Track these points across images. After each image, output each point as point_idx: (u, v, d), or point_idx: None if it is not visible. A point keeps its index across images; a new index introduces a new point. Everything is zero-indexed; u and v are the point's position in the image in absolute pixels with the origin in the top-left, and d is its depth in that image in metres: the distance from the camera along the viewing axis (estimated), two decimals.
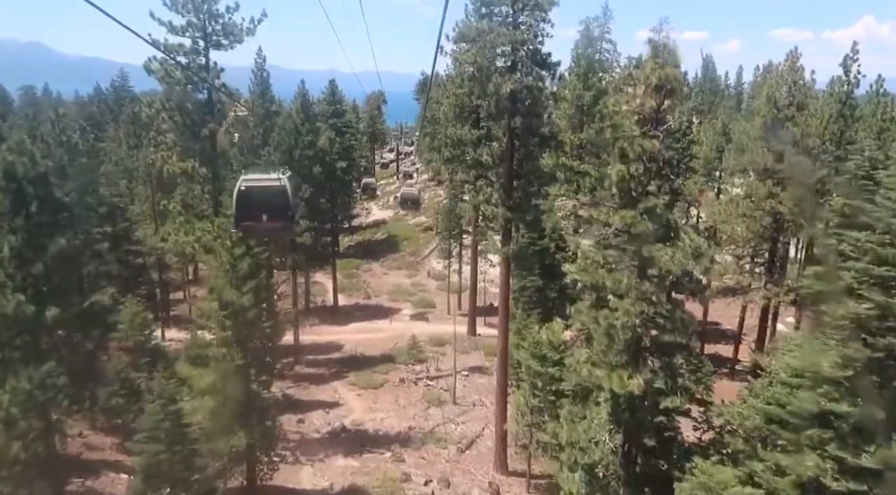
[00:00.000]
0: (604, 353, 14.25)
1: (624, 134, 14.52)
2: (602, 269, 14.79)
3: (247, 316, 23.66)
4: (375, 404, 37.80)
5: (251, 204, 11.87)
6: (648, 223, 14.20)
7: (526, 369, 29.79)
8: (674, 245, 14.24)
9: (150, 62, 27.66)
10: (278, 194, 11.69)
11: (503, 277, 29.64)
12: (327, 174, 51.77)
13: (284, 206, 11.90)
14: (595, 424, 15.48)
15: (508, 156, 28.50)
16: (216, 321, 24.08)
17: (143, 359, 31.44)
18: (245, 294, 23.61)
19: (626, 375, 13.90)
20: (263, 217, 11.86)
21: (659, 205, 14.18)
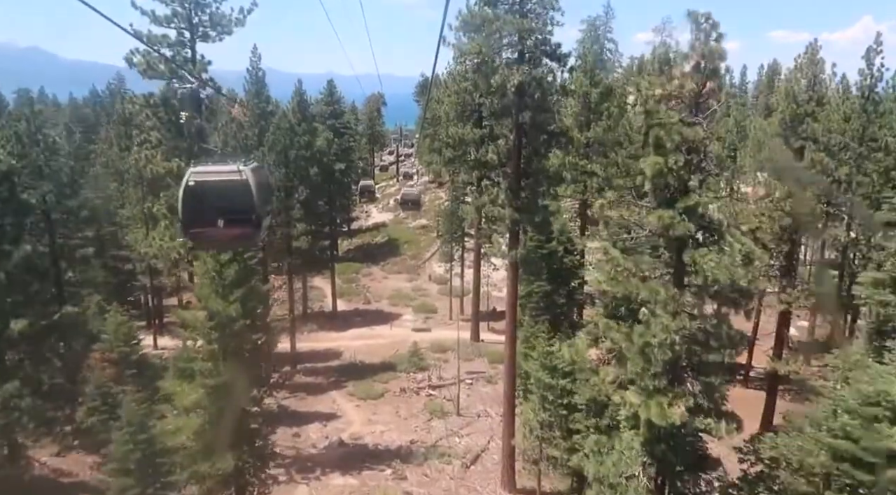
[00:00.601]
0: (639, 376, 12.02)
1: (660, 121, 12.30)
2: (634, 278, 12.55)
3: (234, 327, 21.41)
4: (375, 415, 35.53)
5: (202, 204, 8.61)
6: (689, 224, 11.99)
7: (535, 381, 27.55)
8: (720, 250, 12.00)
9: (133, 55, 25.49)
10: (239, 191, 8.42)
11: (510, 283, 27.41)
12: (325, 176, 49.53)
13: (247, 207, 8.56)
14: (626, 457, 13.26)
15: (515, 154, 26.26)
16: (202, 333, 21.85)
17: (129, 371, 29.21)
18: (232, 303, 21.36)
19: (665, 402, 11.66)
20: (219, 221, 8.50)
21: (702, 202, 11.96)
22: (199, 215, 8.59)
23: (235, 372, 21.90)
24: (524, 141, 26.55)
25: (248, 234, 8.96)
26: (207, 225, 8.55)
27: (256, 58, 47.98)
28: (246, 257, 22.50)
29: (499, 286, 54.37)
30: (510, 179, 26.74)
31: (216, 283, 21.56)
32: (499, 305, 52.15)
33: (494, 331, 47.54)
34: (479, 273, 46.07)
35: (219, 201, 8.47)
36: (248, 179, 8.45)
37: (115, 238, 36.30)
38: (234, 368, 21.86)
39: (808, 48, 32.56)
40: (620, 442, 13.38)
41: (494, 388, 38.64)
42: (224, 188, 8.42)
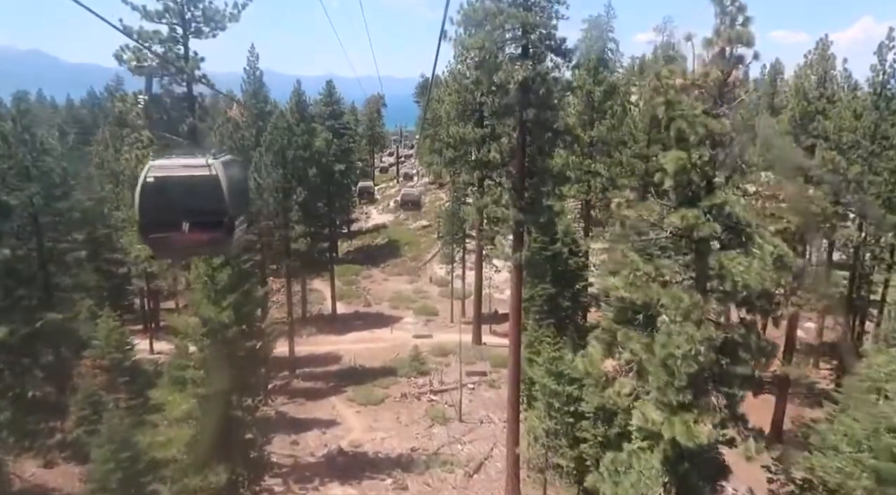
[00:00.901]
0: (661, 391, 10.91)
1: (682, 112, 11.19)
2: (654, 284, 11.45)
3: (227, 334, 20.32)
4: (375, 422, 34.41)
5: (164, 204, 7.15)
6: (715, 224, 10.89)
7: (541, 387, 26.48)
8: (748, 252, 10.90)
9: (122, 52, 24.38)
10: (208, 188, 7.07)
11: (514, 285, 26.29)
12: (324, 177, 48.44)
13: (217, 207, 7.17)
14: (646, 478, 12.14)
15: (519, 153, 25.15)
16: (194, 340, 20.76)
17: (121, 378, 28.13)
18: (225, 309, 20.27)
19: (691, 419, 10.56)
20: (184, 225, 7.09)
21: (729, 201, 10.86)
22: (160, 217, 7.16)
23: (229, 380, 20.82)
24: (528, 139, 25.44)
25: (218, 240, 7.43)
26: (170, 229, 7.10)
27: (254, 57, 46.96)
28: (241, 260, 21.40)
29: (501, 288, 53.26)
30: (514, 179, 25.64)
31: (208, 288, 20.48)
32: (501, 307, 51.03)
33: (496, 334, 46.45)
34: (480, 275, 44.97)
35: (183, 200, 7.08)
36: (219, 174, 7.04)
37: (110, 241, 35.19)
38: (227, 377, 20.78)
39: (819, 44, 31.49)
40: (639, 460, 12.31)
41: (497, 393, 37.54)
42: (190, 185, 7.04)
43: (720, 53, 11.15)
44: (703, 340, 10.65)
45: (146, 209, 7.19)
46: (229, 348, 20.61)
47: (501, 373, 40.18)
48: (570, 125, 27.00)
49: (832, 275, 35.30)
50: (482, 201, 42.79)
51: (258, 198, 36.42)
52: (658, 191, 12.41)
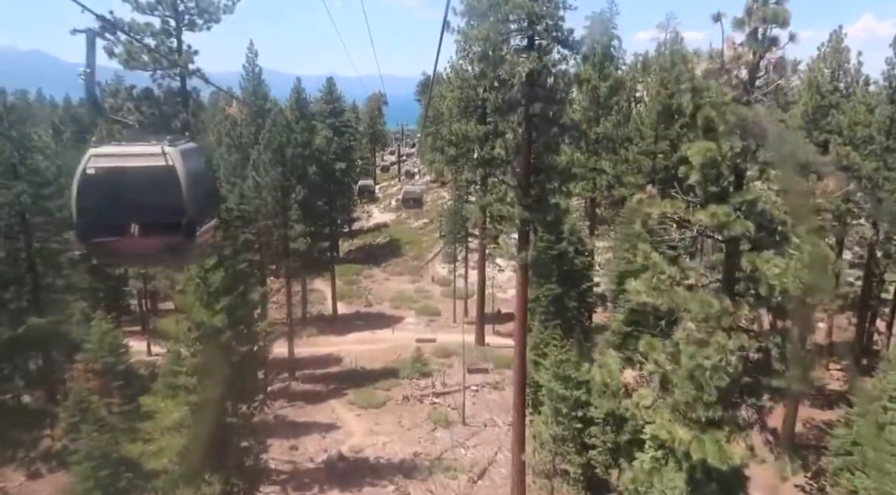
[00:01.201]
0: (689, 406, 9.84)
1: (711, 99, 10.10)
2: (679, 288, 10.36)
3: (220, 338, 19.26)
4: (377, 426, 33.35)
5: (107, 201, 5.60)
6: (748, 223, 9.80)
7: (547, 392, 25.42)
8: (784, 253, 9.82)
9: (113, 45, 23.31)
10: (162, 182, 5.53)
11: (520, 286, 25.20)
12: (324, 175, 47.38)
13: (174, 205, 5.62)
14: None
15: (525, 149, 24.04)
16: (185, 345, 19.73)
17: (115, 382, 27.10)
18: (218, 313, 19.22)
19: (723, 438, 9.48)
20: (132, 227, 5.56)
21: (763, 197, 9.77)
22: (103, 217, 5.71)
23: (223, 387, 19.78)
24: (534, 135, 24.36)
25: (175, 245, 5.81)
26: (114, 231, 5.65)
27: (253, 54, 46.01)
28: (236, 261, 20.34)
29: (504, 287, 52.15)
30: (519, 176, 24.54)
31: (201, 291, 19.42)
32: (504, 307, 49.93)
33: (500, 335, 45.38)
34: (483, 274, 43.92)
35: (132, 197, 5.64)
36: (176, 165, 5.56)
37: None
38: (221, 383, 19.73)
39: (833, 36, 30.37)
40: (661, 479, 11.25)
41: (501, 395, 36.50)
42: (140, 177, 5.61)
43: (752, 34, 10.05)
44: (734, 350, 9.57)
45: (85, 207, 5.70)
46: (223, 353, 19.55)
47: (505, 375, 39.12)
48: (577, 121, 25.86)
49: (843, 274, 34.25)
50: (485, 199, 41.89)
51: (257, 197, 35.39)
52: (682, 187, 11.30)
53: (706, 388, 9.66)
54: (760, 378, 10.07)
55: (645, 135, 36.53)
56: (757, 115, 9.73)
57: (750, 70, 10.11)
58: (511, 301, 52.84)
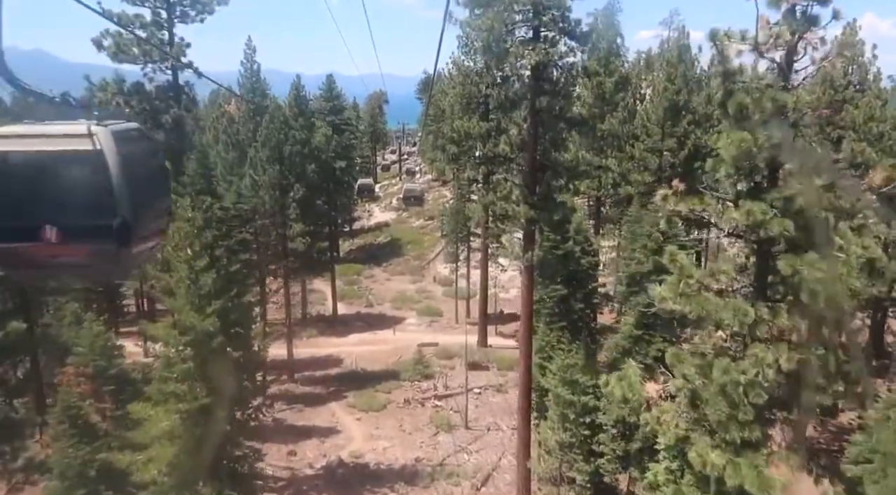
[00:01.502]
0: (722, 426, 8.76)
1: (745, 84, 9.01)
2: (709, 293, 9.28)
3: (211, 343, 18.20)
4: (377, 430, 32.29)
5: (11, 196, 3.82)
6: (786, 221, 8.72)
7: (554, 397, 24.35)
8: (827, 255, 8.73)
9: (103, 37, 22.31)
10: (86, 171, 3.84)
11: (525, 288, 24.13)
12: (324, 174, 46.31)
13: (102, 202, 3.84)
14: None
15: (531, 145, 22.94)
16: (176, 349, 18.67)
17: (107, 387, 26.07)
18: (208, 316, 18.16)
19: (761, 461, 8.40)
20: (48, 230, 3.78)
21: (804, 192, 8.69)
22: (6, 216, 4.10)
23: (215, 394, 18.73)
24: (540, 130, 23.27)
25: (104, 254, 4.24)
26: (23, 235, 4.05)
27: (251, 50, 44.98)
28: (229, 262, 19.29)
29: (507, 287, 51.11)
30: (524, 173, 23.48)
31: (192, 293, 18.36)
32: (507, 308, 48.89)
33: (503, 336, 44.32)
34: (486, 274, 42.83)
35: (46, 191, 4.02)
36: (105, 150, 4.00)
37: None
38: (213, 390, 18.69)
39: (846, 29, 29.23)
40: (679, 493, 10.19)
41: (505, 398, 35.43)
42: (57, 165, 4.03)
43: (790, 12, 8.97)
44: (772, 363, 8.49)
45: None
46: (215, 359, 18.49)
47: (508, 377, 38.07)
48: (584, 115, 24.75)
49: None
50: (488, 198, 40.57)
51: (254, 196, 34.34)
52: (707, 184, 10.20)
53: (741, 406, 8.59)
54: (803, 395, 8.99)
55: (651, 131, 35.43)
56: (799, 100, 8.65)
57: (787, 51, 9.03)
58: (514, 301, 51.82)
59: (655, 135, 35.43)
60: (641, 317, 20.54)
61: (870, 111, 28.51)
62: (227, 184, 34.60)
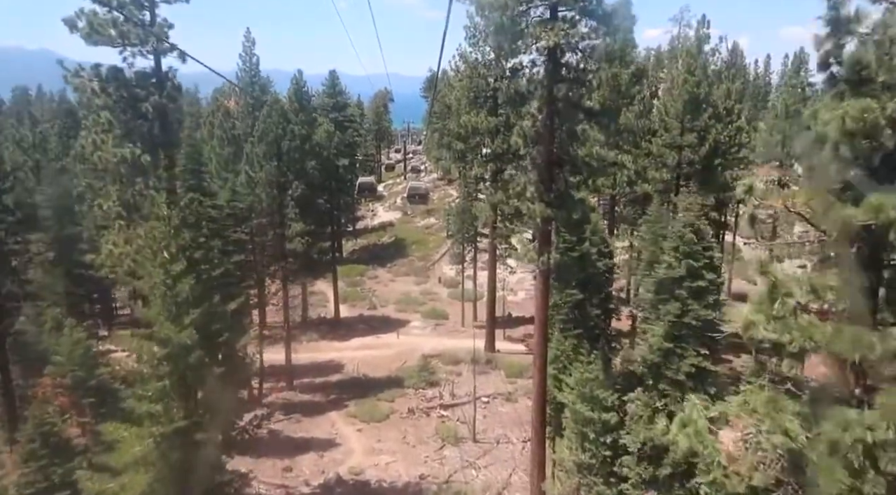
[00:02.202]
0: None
1: (865, 36, 6.49)
2: (810, 316, 6.78)
3: (189, 359, 15.79)
4: (379, 443, 29.86)
5: None
6: None
7: (572, 413, 21.88)
8: None
9: (78, 17, 19.92)
10: None
11: (540, 294, 21.63)
12: (326, 172, 43.92)
13: None
14: None
15: (547, 137, 20.42)
16: (150, 364, 16.26)
17: (87, 399, 23.76)
18: (186, 328, 15.74)
19: None
20: None
21: None
22: None
23: (194, 416, 16.33)
24: (557, 121, 20.79)
25: None
26: None
27: (250, 42, 42.62)
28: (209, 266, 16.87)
29: (515, 290, 48.67)
30: (539, 168, 20.97)
31: (167, 302, 15.95)
32: (515, 310, 46.46)
33: (511, 340, 41.88)
34: (494, 276, 40.36)
35: None
36: None
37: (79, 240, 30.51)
38: (191, 411, 16.29)
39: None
40: None
41: (514, 408, 33.00)
42: None
43: None
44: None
45: None
46: (194, 376, 16.08)
47: (518, 384, 35.64)
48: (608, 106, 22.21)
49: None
50: (497, 196, 37.99)
51: (250, 193, 31.95)
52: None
53: (865, 475, 6.13)
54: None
55: (670, 126, 32.88)
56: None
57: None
58: (522, 304, 49.32)
59: (674, 129, 32.88)
60: (672, 327, 18.01)
61: None
62: (221, 181, 32.26)
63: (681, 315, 17.94)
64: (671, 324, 17.90)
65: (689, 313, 17.87)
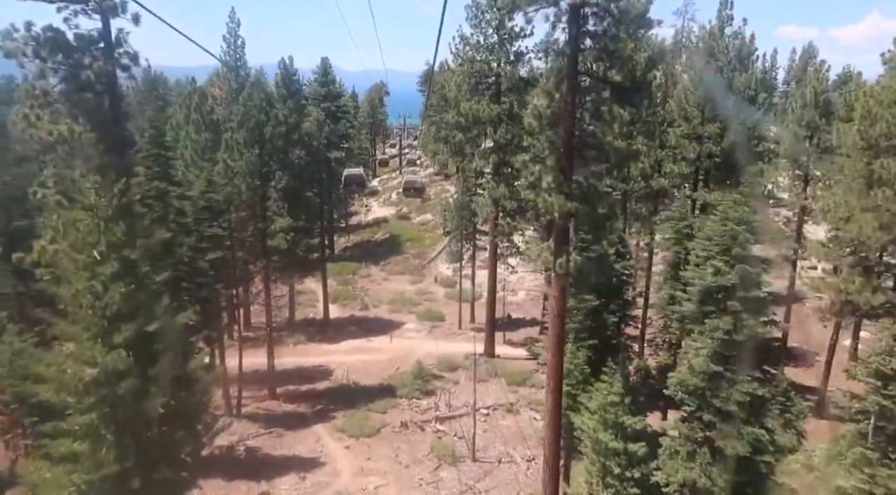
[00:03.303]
0: None
1: None
2: None
3: (118, 389, 12.05)
4: (369, 462, 26.17)
5: None
6: None
7: (592, 442, 18.30)
8: None
9: None
10: None
11: (557, 303, 17.91)
12: (316, 163, 40.13)
13: None
14: None
15: (567, 117, 16.67)
16: (73, 392, 12.53)
17: (28, 419, 20.05)
18: (116, 347, 12.01)
19: None
20: None
21: None
22: None
23: (129, 458, 12.60)
24: (579, 98, 17.11)
25: None
26: None
27: (235, 23, 38.72)
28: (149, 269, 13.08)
29: (515, 290, 45.04)
30: (557, 154, 17.26)
31: (95, 313, 12.20)
32: (515, 312, 42.85)
33: (511, 344, 38.27)
34: (494, 275, 36.70)
35: None
36: None
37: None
38: (125, 453, 12.56)
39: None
40: None
41: (516, 421, 29.41)
42: None
43: None
44: None
45: None
46: (128, 408, 12.34)
47: (519, 393, 32.05)
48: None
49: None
50: (499, 190, 34.58)
51: (228, 184, 28.12)
52: None
53: None
54: None
55: (690, 115, 29.22)
56: None
57: None
58: (522, 305, 45.62)
59: (695, 119, 29.24)
60: (722, 347, 14.40)
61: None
62: (198, 170, 28.42)
63: (732, 331, 14.36)
64: (721, 342, 14.33)
65: (742, 330, 14.33)
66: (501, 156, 33.31)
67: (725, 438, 14.39)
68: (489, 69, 33.39)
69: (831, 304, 25.32)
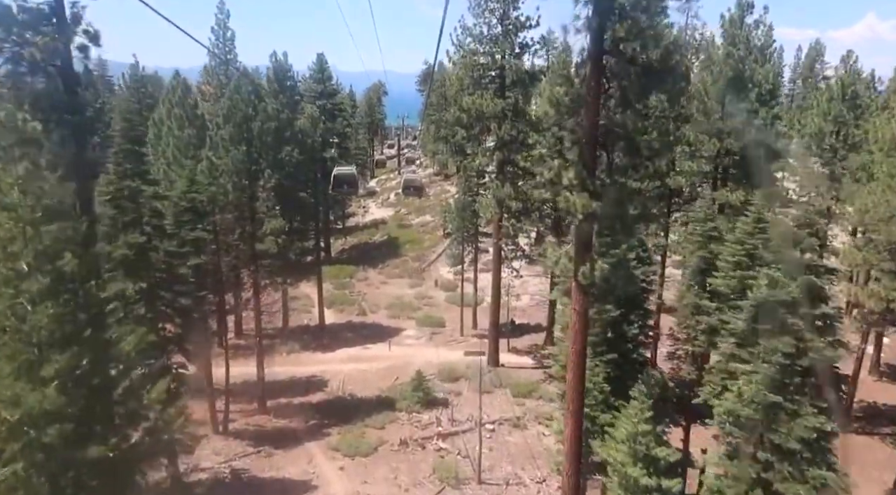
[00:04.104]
0: None
1: None
2: None
3: (49, 433, 9.45)
4: (365, 485, 23.59)
5: None
6: None
7: (619, 477, 15.79)
8: None
9: None
10: None
11: (579, 317, 15.35)
12: (311, 162, 37.54)
13: None
14: None
15: (592, 103, 14.13)
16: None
17: None
18: (47, 384, 9.41)
19: None
20: None
21: None
22: None
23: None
24: (606, 82, 14.58)
25: None
26: None
27: (224, 15, 36.13)
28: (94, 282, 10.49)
29: (519, 294, 42.51)
30: (580, 146, 14.72)
31: (20, 340, 9.60)
32: (518, 318, 40.31)
33: (516, 352, 35.76)
34: (498, 279, 34.16)
35: None
36: None
37: None
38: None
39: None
40: None
41: (524, 437, 26.88)
42: None
43: None
44: None
45: None
46: (61, 459, 9.75)
47: (526, 406, 29.51)
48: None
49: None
50: (504, 190, 32.04)
51: (213, 183, 25.53)
52: None
53: None
54: None
55: (710, 109, 26.75)
56: None
57: None
58: (527, 310, 43.02)
59: (714, 113, 26.78)
60: (782, 373, 11.87)
61: None
62: (180, 168, 25.81)
63: (795, 355, 11.85)
64: (782, 369, 11.82)
65: (806, 353, 11.84)
66: (506, 153, 30.81)
67: (785, 481, 11.84)
68: (493, 62, 30.89)
69: (868, 313, 22.78)
